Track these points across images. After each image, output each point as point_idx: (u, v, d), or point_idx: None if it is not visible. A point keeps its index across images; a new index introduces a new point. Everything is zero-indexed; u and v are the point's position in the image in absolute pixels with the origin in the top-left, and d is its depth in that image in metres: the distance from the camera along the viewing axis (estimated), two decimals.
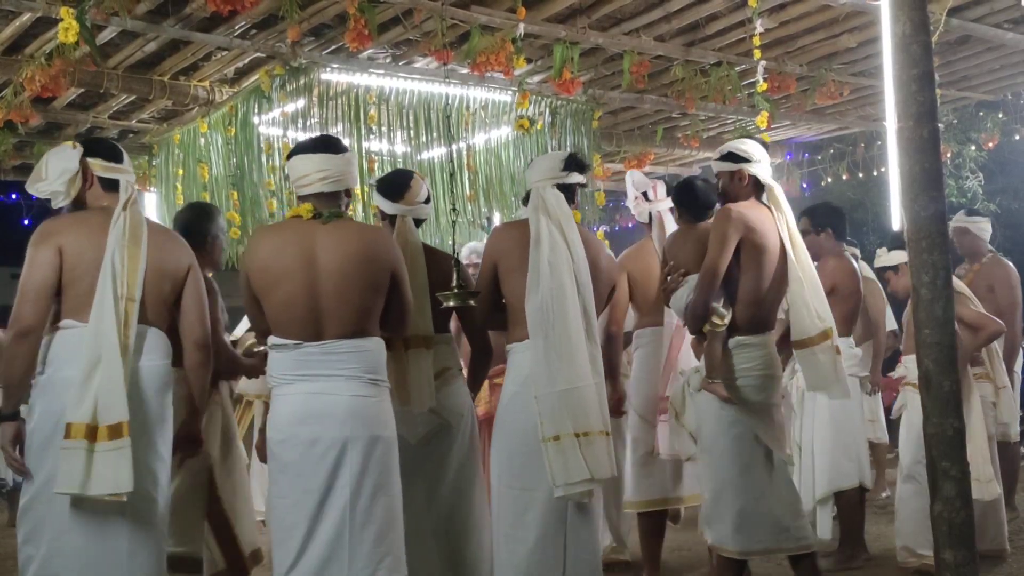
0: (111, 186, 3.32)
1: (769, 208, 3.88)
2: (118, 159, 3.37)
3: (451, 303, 3.10)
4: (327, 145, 3.26)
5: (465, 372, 3.89)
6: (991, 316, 4.85)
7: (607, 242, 6.95)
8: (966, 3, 5.70)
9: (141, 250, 3.18)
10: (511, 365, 3.56)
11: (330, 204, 3.19)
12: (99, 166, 3.31)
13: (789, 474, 3.93)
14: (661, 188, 4.64)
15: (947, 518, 3.09)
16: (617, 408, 4.40)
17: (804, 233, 5.07)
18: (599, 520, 3.72)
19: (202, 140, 6.50)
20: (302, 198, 3.21)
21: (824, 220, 4.99)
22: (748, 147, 3.89)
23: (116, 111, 6.94)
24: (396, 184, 3.73)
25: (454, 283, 3.12)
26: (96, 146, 3.38)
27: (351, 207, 3.56)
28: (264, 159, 6.11)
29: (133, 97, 6.53)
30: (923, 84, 3.19)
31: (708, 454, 3.82)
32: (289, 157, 3.28)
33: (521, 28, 5.32)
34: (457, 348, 3.87)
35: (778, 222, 3.84)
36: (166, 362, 3.28)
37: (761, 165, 3.88)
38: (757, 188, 3.89)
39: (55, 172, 3.27)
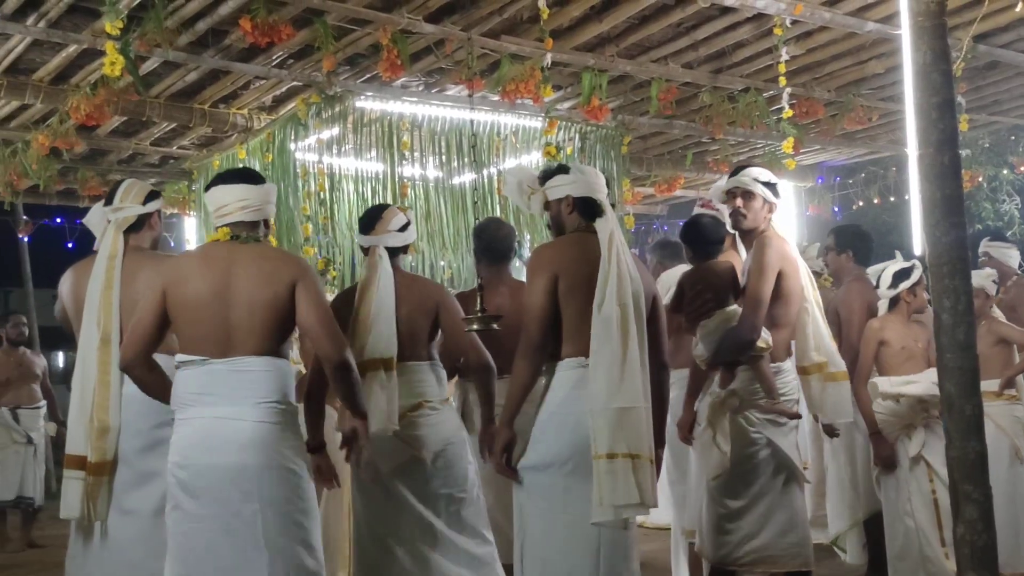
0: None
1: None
2: (109, 201, 3.61)
3: (475, 327, 3.11)
4: (247, 176, 3.31)
5: (455, 402, 3.79)
6: None
7: None
8: (993, 30, 5.72)
9: (113, 291, 3.42)
10: (560, 382, 3.29)
11: (249, 232, 3.22)
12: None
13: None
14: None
15: (969, 541, 3.09)
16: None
17: (827, 250, 5.13)
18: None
19: (240, 166, 6.65)
20: (222, 228, 3.24)
21: (847, 241, 5.01)
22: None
23: (157, 138, 7.13)
24: (369, 218, 3.84)
25: (477, 308, 3.12)
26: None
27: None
28: (300, 184, 6.24)
29: (174, 125, 6.71)
30: (944, 112, 3.21)
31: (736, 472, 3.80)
32: (208, 189, 3.30)
33: (548, 57, 5.41)
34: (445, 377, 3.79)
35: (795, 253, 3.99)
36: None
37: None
38: None
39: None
